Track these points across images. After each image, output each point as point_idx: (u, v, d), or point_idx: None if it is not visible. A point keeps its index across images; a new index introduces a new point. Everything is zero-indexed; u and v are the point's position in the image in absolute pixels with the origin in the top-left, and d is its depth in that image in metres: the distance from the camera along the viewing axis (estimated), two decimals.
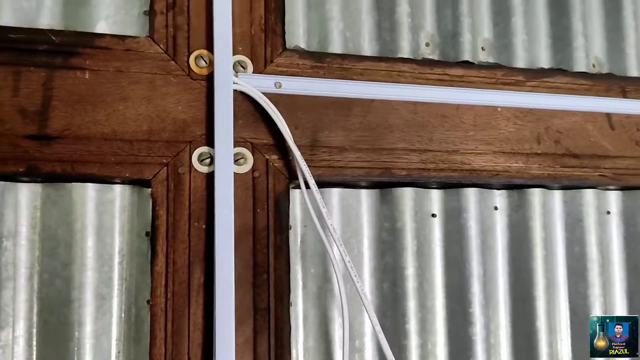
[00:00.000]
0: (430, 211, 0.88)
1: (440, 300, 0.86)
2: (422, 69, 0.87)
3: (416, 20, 0.90)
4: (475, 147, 0.87)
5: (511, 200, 0.93)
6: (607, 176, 0.95)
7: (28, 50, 0.68)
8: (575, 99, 0.94)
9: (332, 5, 0.85)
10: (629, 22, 1.02)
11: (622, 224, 0.99)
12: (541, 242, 0.91)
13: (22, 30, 0.69)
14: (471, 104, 0.88)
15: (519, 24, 0.95)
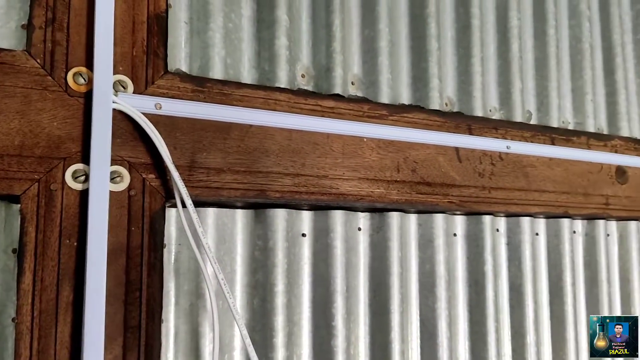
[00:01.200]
0: (300, 231, 0.94)
1: (307, 315, 0.92)
2: (297, 98, 0.94)
3: (293, 53, 0.97)
4: (342, 173, 0.95)
5: (373, 222, 1.02)
6: (455, 202, 1.08)
7: None
8: (429, 134, 1.06)
9: (215, 32, 0.88)
10: (476, 68, 1.17)
11: (466, 245, 1.13)
12: (397, 261, 1.01)
13: None
14: (340, 133, 0.96)
15: (385, 63, 1.05)
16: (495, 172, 1.13)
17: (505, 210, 1.15)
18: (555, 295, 1.22)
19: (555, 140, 1.24)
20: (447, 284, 1.08)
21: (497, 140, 1.15)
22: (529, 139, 1.20)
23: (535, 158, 1.20)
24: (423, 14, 1.11)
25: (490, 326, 1.10)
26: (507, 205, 1.15)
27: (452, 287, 1.09)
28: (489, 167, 1.13)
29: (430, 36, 1.10)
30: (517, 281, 1.17)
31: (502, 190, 1.14)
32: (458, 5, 1.17)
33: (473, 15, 1.17)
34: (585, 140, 1.29)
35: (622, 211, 1.31)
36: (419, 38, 1.10)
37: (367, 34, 1.05)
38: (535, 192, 1.19)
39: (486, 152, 1.13)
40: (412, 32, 1.10)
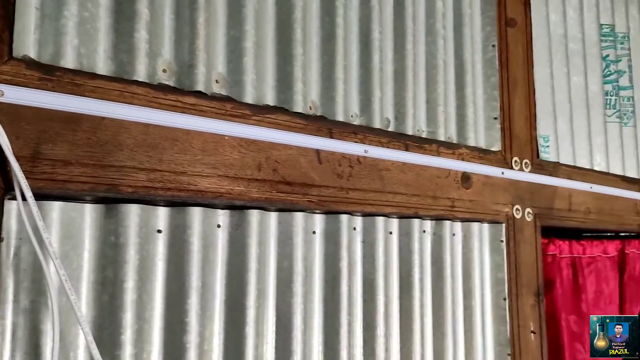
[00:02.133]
0: (156, 227, 0.94)
1: (159, 311, 0.92)
2: (157, 93, 0.93)
3: (154, 47, 0.96)
4: (202, 170, 0.96)
5: (233, 219, 1.04)
6: (314, 202, 1.13)
7: None
8: (291, 135, 1.10)
9: (68, 20, 0.85)
10: (339, 75, 1.23)
11: (324, 243, 1.18)
12: (256, 257, 1.04)
13: None
14: (201, 130, 0.97)
15: (250, 64, 1.07)
16: (353, 174, 1.20)
17: (361, 210, 1.22)
18: (405, 289, 1.32)
19: (409, 147, 1.34)
20: (304, 280, 1.13)
21: (356, 144, 1.22)
22: (385, 144, 1.28)
23: (390, 162, 1.28)
24: (289, 20, 1.15)
25: (343, 319, 1.17)
26: (364, 205, 1.22)
27: (309, 282, 1.13)
28: (347, 169, 1.19)
29: (296, 41, 1.15)
30: (370, 277, 1.25)
31: (359, 191, 1.21)
32: (324, 15, 1.23)
33: (338, 25, 1.23)
34: (436, 148, 1.40)
35: (466, 213, 1.45)
36: (285, 42, 1.14)
37: (233, 34, 1.07)
38: (389, 193, 1.27)
39: (345, 155, 1.19)
40: (278, 36, 1.14)
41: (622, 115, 2.13)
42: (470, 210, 1.47)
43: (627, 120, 2.16)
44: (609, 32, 2.14)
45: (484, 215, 1.50)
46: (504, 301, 1.51)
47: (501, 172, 1.56)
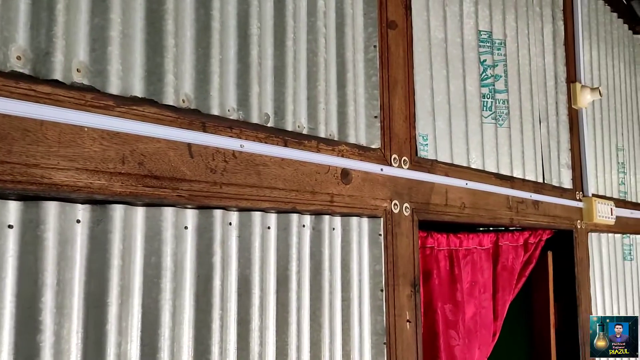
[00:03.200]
0: (6, 222, 0.89)
1: (9, 310, 0.87)
2: (7, 81, 0.88)
3: (7, 33, 0.90)
4: (57, 162, 0.92)
5: (94, 214, 1.00)
6: (184, 196, 1.12)
7: None
8: (161, 128, 1.08)
9: None
10: (215, 69, 1.22)
11: (197, 238, 1.17)
12: (119, 253, 1.01)
13: None
14: (57, 121, 0.93)
15: (115, 53, 1.04)
16: (227, 169, 1.20)
17: (236, 205, 1.22)
18: (282, 283, 1.34)
19: (288, 143, 1.36)
20: (174, 276, 1.11)
21: (232, 139, 1.22)
22: (263, 139, 1.30)
23: (268, 158, 1.30)
24: (160, 10, 1.13)
25: (215, 314, 1.16)
26: (239, 200, 1.23)
27: (179, 278, 1.12)
28: (221, 163, 1.19)
29: (167, 32, 1.13)
30: (245, 271, 1.25)
31: (234, 186, 1.22)
32: (199, 6, 1.22)
33: (213, 17, 1.23)
34: (316, 144, 1.44)
35: (345, 208, 1.50)
36: (155, 33, 1.12)
37: (96, 22, 1.03)
38: (267, 188, 1.29)
39: (220, 149, 1.19)
40: (147, 27, 1.11)
41: (497, 117, 2.28)
42: (349, 205, 1.51)
43: (502, 121, 2.32)
44: (487, 38, 2.28)
45: (363, 210, 1.56)
46: (381, 292, 1.58)
47: (380, 169, 1.62)
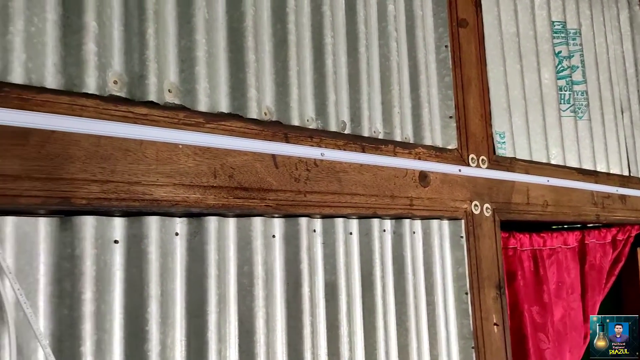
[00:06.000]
0: (112, 238, 0.94)
1: (118, 322, 0.92)
2: (107, 105, 0.94)
3: (104, 59, 0.96)
4: (157, 179, 0.97)
5: (190, 227, 1.05)
6: (272, 206, 1.15)
7: None
8: (247, 141, 1.12)
9: (14, 36, 0.86)
10: (293, 81, 1.25)
11: (284, 246, 1.20)
12: (215, 263, 1.05)
13: None
14: (154, 140, 0.98)
15: (202, 73, 1.08)
16: (310, 177, 1.22)
17: (320, 212, 1.24)
18: (367, 288, 1.34)
19: (366, 148, 1.37)
20: (265, 283, 1.14)
21: (313, 148, 1.25)
22: (342, 147, 1.31)
23: (347, 164, 1.31)
24: (241, 28, 1.16)
25: (306, 320, 1.18)
26: (322, 207, 1.25)
27: (270, 286, 1.15)
28: (304, 172, 1.21)
29: (248, 48, 1.16)
30: (331, 277, 1.27)
31: (317, 193, 1.24)
32: (275, 21, 1.25)
33: (289, 31, 1.25)
34: (392, 148, 1.44)
35: (424, 211, 1.49)
36: (237, 50, 1.16)
37: (184, 44, 1.08)
38: (348, 195, 1.30)
39: (302, 158, 1.22)
40: (230, 44, 1.15)
41: (576, 109, 2.20)
42: (429, 208, 1.50)
43: (582, 114, 2.23)
44: (561, 28, 2.21)
45: (443, 213, 1.54)
46: (466, 295, 1.55)
47: (458, 170, 1.60)
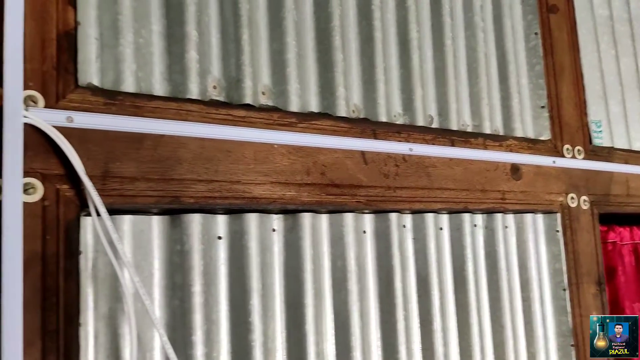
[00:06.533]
0: (216, 234, 1.00)
1: (224, 313, 0.98)
2: (209, 109, 0.99)
3: (204, 66, 1.02)
4: (255, 178, 1.02)
5: (286, 223, 1.09)
6: (362, 202, 1.16)
7: None
8: (337, 139, 1.15)
9: (125, 48, 0.93)
10: (380, 77, 1.26)
11: (375, 241, 1.22)
12: (310, 258, 1.09)
13: None
14: (252, 141, 1.02)
15: (293, 74, 1.12)
16: (399, 173, 1.23)
17: (410, 207, 1.25)
18: (459, 284, 1.33)
19: (455, 142, 1.35)
20: (358, 278, 1.16)
21: (401, 143, 1.25)
22: (430, 141, 1.31)
23: (436, 159, 1.30)
24: (328, 28, 1.19)
25: (399, 315, 1.19)
26: (412, 203, 1.25)
27: (363, 280, 1.17)
28: (393, 168, 1.22)
29: (336, 48, 1.19)
30: (423, 273, 1.27)
31: (407, 189, 1.24)
32: (361, 19, 1.27)
33: (375, 28, 1.27)
34: (482, 141, 1.41)
35: (517, 205, 1.45)
36: (325, 50, 1.19)
37: (275, 47, 1.12)
38: (438, 190, 1.29)
39: (390, 154, 1.23)
40: (318, 45, 1.18)
41: None
42: (522, 202, 1.46)
43: None
44: None
45: (537, 206, 1.49)
46: (564, 291, 1.50)
47: (552, 161, 1.55)
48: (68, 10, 0.86)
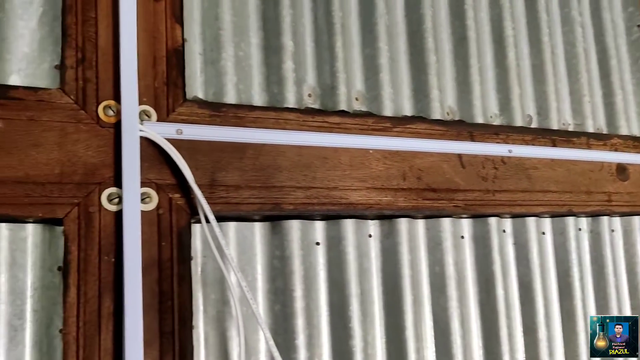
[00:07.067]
0: (314, 240, 1.01)
1: (325, 318, 0.99)
2: (305, 117, 1.01)
3: (300, 75, 1.04)
4: (351, 184, 1.02)
5: (383, 228, 1.08)
6: (460, 206, 1.14)
7: None
8: (432, 142, 1.13)
9: (227, 61, 0.96)
10: (475, 78, 1.23)
11: (474, 246, 1.18)
12: (408, 264, 1.07)
13: None
14: (347, 147, 1.03)
15: (386, 79, 1.12)
16: (498, 176, 1.19)
17: (510, 211, 1.21)
18: (564, 290, 1.27)
19: (556, 142, 1.29)
20: (458, 284, 1.14)
21: (499, 145, 1.21)
22: (530, 142, 1.26)
23: (537, 160, 1.25)
24: (420, 30, 1.18)
25: (502, 323, 1.15)
26: (512, 206, 1.21)
27: (463, 286, 1.14)
28: (492, 171, 1.19)
29: (428, 50, 1.17)
30: (526, 279, 1.22)
31: (506, 192, 1.20)
32: (454, 19, 1.24)
33: (469, 27, 1.24)
34: (585, 141, 1.34)
35: (624, 207, 1.36)
36: (417, 53, 1.17)
37: (367, 53, 1.12)
38: (539, 192, 1.24)
39: (488, 156, 1.19)
40: (410, 48, 1.17)
41: None
42: (629, 204, 1.38)
43: None
44: None
45: None
46: None
47: None
48: (176, 28, 0.91)
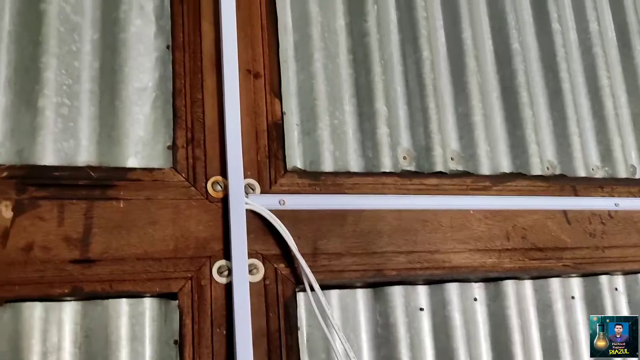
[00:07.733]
0: (418, 305, 0.98)
1: None
2: (403, 180, 1.01)
3: (394, 138, 1.05)
4: (453, 246, 1.00)
5: (488, 291, 1.04)
6: (569, 265, 1.08)
7: (70, 185, 0.79)
8: (535, 199, 1.09)
9: (323, 130, 0.99)
10: (573, 130, 1.19)
11: (586, 307, 1.11)
12: (518, 328, 1.02)
13: (64, 168, 0.80)
14: (447, 208, 1.01)
15: (481, 137, 1.10)
16: (606, 231, 1.13)
17: (621, 268, 1.13)
18: None
19: None
20: (571, 348, 1.06)
21: (604, 198, 1.15)
22: (636, 194, 1.19)
23: None
24: (513, 85, 1.16)
25: None
26: (623, 263, 1.13)
27: (577, 350, 1.06)
28: (599, 226, 1.12)
29: (523, 104, 1.15)
30: None
31: (616, 248, 1.13)
32: (547, 72, 1.22)
33: (563, 79, 1.21)
34: None
35: None
36: (512, 108, 1.15)
37: (460, 111, 1.12)
38: None
39: (594, 211, 1.13)
40: (504, 104, 1.16)
41: None
42: None
43: None
44: None
45: None
46: None
47: None
48: (275, 103, 0.95)
